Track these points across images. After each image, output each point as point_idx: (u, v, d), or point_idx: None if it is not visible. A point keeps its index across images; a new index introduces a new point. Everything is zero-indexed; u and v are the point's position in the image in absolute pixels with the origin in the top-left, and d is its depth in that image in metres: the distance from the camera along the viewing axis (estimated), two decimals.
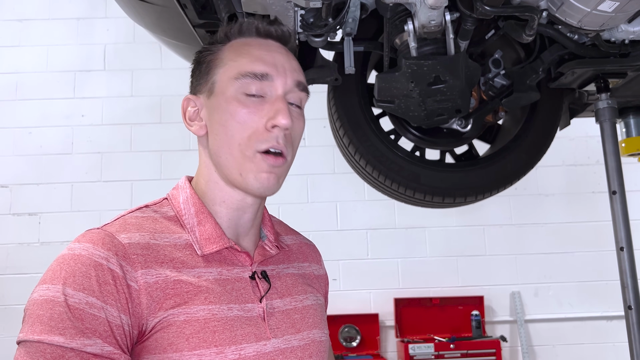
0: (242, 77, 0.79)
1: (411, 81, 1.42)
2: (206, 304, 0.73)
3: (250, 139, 0.78)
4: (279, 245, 0.89)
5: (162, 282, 0.72)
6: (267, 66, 0.80)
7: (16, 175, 3.71)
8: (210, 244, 0.78)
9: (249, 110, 0.78)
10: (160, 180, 3.74)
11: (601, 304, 3.68)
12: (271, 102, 0.79)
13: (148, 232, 0.76)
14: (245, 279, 0.80)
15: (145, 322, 0.70)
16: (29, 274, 3.59)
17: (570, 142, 3.82)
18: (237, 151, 0.78)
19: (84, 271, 0.68)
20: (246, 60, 0.80)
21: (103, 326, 0.66)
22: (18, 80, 3.85)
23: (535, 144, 1.72)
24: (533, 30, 1.29)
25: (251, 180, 0.78)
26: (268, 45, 0.83)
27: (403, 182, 1.65)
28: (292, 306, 0.84)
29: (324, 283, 0.97)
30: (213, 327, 0.72)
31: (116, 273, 0.69)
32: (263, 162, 0.78)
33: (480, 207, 3.62)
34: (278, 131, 0.78)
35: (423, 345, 3.26)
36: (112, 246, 0.71)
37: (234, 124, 0.78)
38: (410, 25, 1.33)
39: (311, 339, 0.83)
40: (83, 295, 0.66)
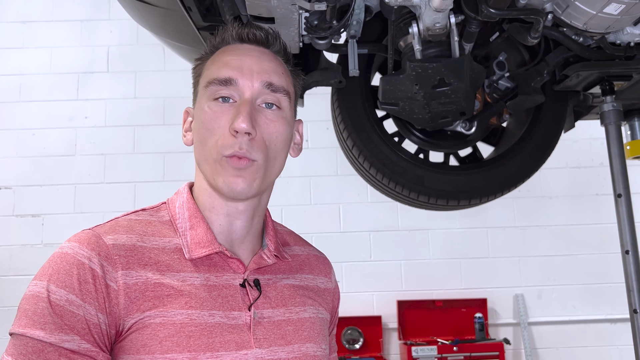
0: (210, 85, 0.81)
1: (415, 84, 1.42)
2: (185, 308, 0.73)
3: (217, 143, 0.78)
4: (280, 255, 0.87)
5: (142, 284, 0.73)
6: (232, 70, 0.80)
7: (19, 177, 3.72)
8: (199, 248, 0.78)
9: (215, 116, 0.79)
10: (164, 182, 3.75)
11: (605, 306, 3.67)
12: (237, 106, 0.79)
13: (137, 234, 0.77)
14: (235, 286, 0.79)
15: (122, 322, 0.71)
16: (32, 276, 3.58)
17: (574, 144, 3.81)
18: (209, 156, 0.79)
19: (67, 269, 0.71)
20: (215, 67, 0.82)
21: (81, 323, 0.68)
22: (22, 82, 3.86)
23: (539, 147, 1.72)
24: (538, 32, 1.29)
25: (220, 184, 0.78)
26: (240, 50, 0.84)
27: (407, 185, 1.64)
28: (285, 317, 0.81)
29: (331, 297, 0.94)
30: (189, 331, 0.72)
31: (96, 272, 0.71)
32: (228, 165, 0.78)
33: (484, 209, 3.60)
34: (241, 136, 0.77)
35: (426, 348, 3.25)
36: (96, 246, 0.73)
37: (203, 131, 0.80)
38: (415, 27, 1.32)
39: (303, 353, 0.80)
40: (64, 292, 0.69)
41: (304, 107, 1.79)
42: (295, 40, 1.33)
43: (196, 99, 0.86)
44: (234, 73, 0.80)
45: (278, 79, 0.82)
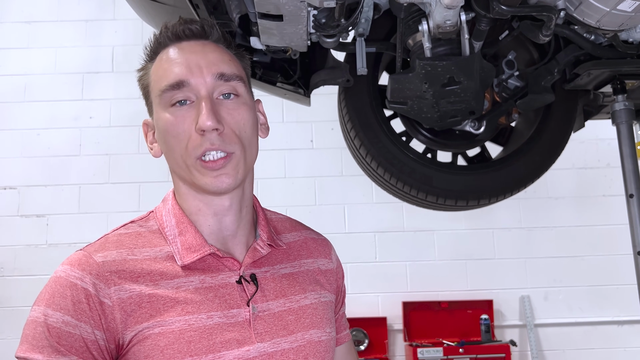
0: (163, 93, 0.79)
1: (425, 82, 1.40)
2: (182, 315, 0.74)
3: (187, 148, 0.78)
4: (274, 244, 0.86)
5: (137, 297, 0.74)
6: (181, 72, 0.79)
7: (24, 177, 3.72)
8: (190, 253, 0.79)
9: (178, 121, 0.78)
10: (168, 182, 3.70)
11: (612, 308, 3.64)
12: (196, 106, 0.78)
13: (127, 248, 0.79)
14: (232, 284, 0.79)
15: (122, 336, 0.73)
16: (37, 276, 3.59)
17: (581, 144, 3.78)
18: (182, 163, 0.79)
19: (61, 292, 0.73)
20: (161, 74, 0.81)
21: (78, 342, 0.71)
22: (26, 82, 3.86)
23: (549, 147, 1.70)
24: (550, 30, 1.27)
25: (204, 185, 0.79)
26: (181, 49, 0.82)
27: (415, 185, 1.63)
28: (286, 307, 0.82)
29: (334, 277, 0.94)
30: (189, 337, 0.73)
31: (89, 291, 0.73)
32: (203, 169, 0.78)
33: (490, 210, 3.57)
34: (209, 134, 0.76)
35: (432, 350, 3.23)
36: (87, 266, 0.75)
37: (170, 139, 0.80)
38: (425, 25, 1.31)
39: (307, 340, 0.81)
40: (60, 314, 0.71)
41: (309, 107, 1.78)
42: (303, 38, 1.32)
43: (152, 109, 0.84)
44: (184, 74, 0.78)
45: (228, 67, 0.81)
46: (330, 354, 0.86)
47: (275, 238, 0.89)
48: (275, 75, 1.59)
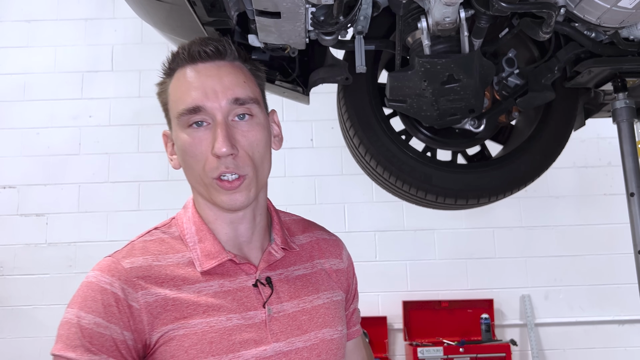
0: (181, 116, 0.83)
1: (424, 80, 1.39)
2: (204, 317, 0.80)
3: (204, 169, 0.83)
4: (288, 247, 0.91)
5: (162, 301, 0.79)
6: (197, 97, 0.82)
7: (24, 176, 3.72)
8: (209, 260, 0.84)
9: (195, 143, 0.83)
10: (168, 181, 3.73)
11: (613, 307, 3.63)
12: (213, 129, 0.82)
13: (152, 254, 0.84)
14: (249, 288, 0.85)
15: (149, 337, 0.79)
16: (36, 275, 3.59)
17: (582, 143, 3.77)
18: (200, 180, 0.84)
19: (92, 296, 0.78)
20: (179, 96, 0.84)
21: (108, 342, 0.76)
22: (26, 81, 3.85)
23: (549, 145, 1.69)
24: (550, 27, 1.26)
25: (219, 202, 0.84)
26: (197, 72, 0.85)
27: (414, 184, 1.62)
28: (299, 308, 0.87)
29: (345, 276, 0.98)
30: (210, 338, 0.79)
31: (118, 296, 0.78)
32: (220, 188, 0.83)
33: (490, 209, 3.57)
34: (224, 158, 0.81)
35: (432, 349, 3.22)
36: (115, 272, 0.80)
37: (188, 158, 0.84)
38: (424, 22, 1.30)
39: (320, 339, 0.86)
40: (92, 317, 0.76)
41: (309, 105, 1.77)
42: (301, 35, 1.31)
43: (171, 125, 0.88)
44: (200, 99, 0.82)
45: (242, 91, 0.84)
46: (341, 350, 0.90)
47: (289, 241, 0.93)
48: (274, 73, 1.58)
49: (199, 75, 0.84)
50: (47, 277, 3.59)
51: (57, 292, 3.57)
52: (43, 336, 3.52)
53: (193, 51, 0.85)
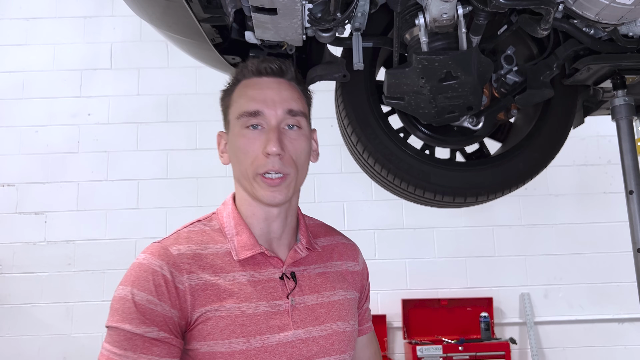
0: (241, 117, 0.98)
1: (422, 77, 1.38)
2: (237, 303, 0.91)
3: (252, 164, 0.96)
4: (311, 247, 1.04)
5: (203, 285, 0.91)
6: (258, 103, 0.97)
7: (22, 174, 3.71)
8: (245, 251, 0.96)
9: (249, 141, 0.96)
10: (167, 179, 3.73)
11: (612, 306, 3.63)
12: (266, 132, 0.96)
13: (196, 243, 0.96)
14: (276, 280, 0.97)
15: (190, 315, 0.90)
16: (35, 273, 3.59)
17: (582, 141, 3.76)
18: (246, 174, 0.97)
19: (145, 276, 0.89)
20: (243, 101, 0.99)
21: (158, 317, 0.87)
22: (25, 79, 3.85)
23: (548, 143, 1.68)
24: (549, 24, 1.25)
25: (259, 196, 0.97)
26: (261, 84, 1.00)
27: (412, 181, 1.61)
28: (318, 301, 0.99)
29: (360, 278, 1.10)
30: (241, 321, 0.91)
31: (167, 277, 0.90)
32: (263, 183, 0.96)
33: (490, 207, 3.57)
34: (272, 157, 0.94)
35: (431, 347, 3.22)
36: (165, 256, 0.91)
37: (240, 154, 0.98)
38: (422, 19, 1.29)
39: (334, 330, 0.98)
40: (144, 294, 0.87)
41: None
42: (298, 32, 1.30)
43: (228, 126, 1.02)
44: (260, 105, 0.97)
45: (296, 105, 0.99)
46: (352, 342, 1.02)
47: (312, 242, 1.06)
48: None
49: (262, 87, 0.99)
50: (46, 275, 3.59)
51: (56, 290, 3.57)
52: (42, 334, 3.52)
53: (260, 66, 1.00)
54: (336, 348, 0.98)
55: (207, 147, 3.76)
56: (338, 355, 0.98)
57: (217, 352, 0.89)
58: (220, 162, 1.09)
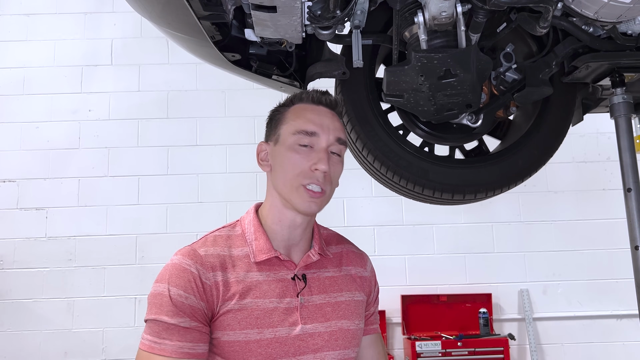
0: (298, 133, 1.09)
1: (421, 75, 1.39)
2: (254, 298, 1.04)
3: (298, 175, 1.08)
4: (323, 253, 1.15)
5: (225, 282, 1.04)
6: (316, 126, 1.10)
7: (23, 170, 3.72)
8: (261, 254, 1.08)
9: (300, 157, 1.08)
10: (167, 175, 3.73)
11: (611, 302, 3.64)
12: (316, 152, 1.09)
13: (220, 246, 1.09)
14: (288, 280, 1.09)
15: (216, 307, 1.03)
16: (36, 269, 3.60)
17: (581, 138, 3.77)
18: (289, 183, 1.09)
19: (177, 274, 1.02)
20: (302, 121, 1.10)
21: (190, 309, 1.00)
22: (25, 75, 3.85)
23: (547, 140, 1.68)
24: (547, 22, 1.25)
25: (297, 204, 1.08)
26: (319, 110, 1.12)
27: (411, 179, 1.62)
28: (325, 301, 1.10)
29: (367, 283, 1.22)
30: (257, 314, 1.03)
31: (195, 275, 1.02)
32: (305, 193, 1.08)
33: (489, 204, 3.57)
34: (319, 173, 1.07)
35: (430, 343, 3.24)
36: (194, 257, 1.05)
37: (288, 165, 1.09)
38: (421, 17, 1.29)
39: (338, 327, 1.09)
40: (176, 289, 1.01)
41: None
42: (297, 30, 1.31)
43: (277, 138, 1.13)
44: (317, 129, 1.10)
45: (343, 135, 1.13)
46: (356, 340, 1.12)
47: (325, 249, 1.17)
48: (271, 68, 1.58)
49: (320, 113, 1.12)
50: (47, 270, 3.61)
51: (57, 286, 3.58)
52: (43, 329, 3.54)
53: (316, 96, 1.14)
54: (340, 343, 1.08)
55: (207, 144, 3.76)
56: (342, 350, 1.09)
57: (235, 340, 1.02)
58: (220, 160, 1.14)
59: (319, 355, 1.06)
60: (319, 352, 1.06)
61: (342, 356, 1.09)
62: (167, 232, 3.65)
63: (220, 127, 3.79)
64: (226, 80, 3.76)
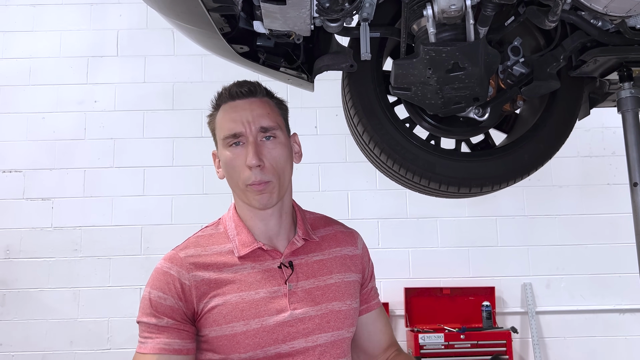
0: (225, 139, 1.12)
1: (429, 68, 1.39)
2: (238, 292, 1.07)
3: (240, 177, 1.10)
4: (309, 238, 1.16)
5: (206, 280, 1.07)
6: (237, 125, 1.11)
7: (29, 160, 3.74)
8: (244, 248, 1.11)
9: (235, 157, 1.11)
10: (173, 167, 3.75)
11: (614, 296, 3.65)
12: (245, 147, 1.10)
13: (201, 246, 1.12)
14: (274, 269, 1.10)
15: (196, 306, 1.06)
16: (42, 258, 3.63)
17: (586, 132, 3.76)
18: (237, 186, 1.12)
19: (158, 278, 1.08)
20: (224, 124, 1.13)
21: (167, 309, 1.05)
22: (31, 66, 3.86)
23: (553, 134, 1.68)
24: (557, 16, 1.25)
25: (253, 202, 1.11)
26: (236, 107, 1.13)
27: (418, 172, 1.62)
28: (314, 285, 1.12)
29: (360, 261, 1.22)
30: (242, 307, 1.05)
31: (174, 276, 1.07)
32: (251, 191, 1.10)
33: (493, 197, 3.58)
34: (254, 169, 1.08)
35: (433, 335, 3.25)
36: (174, 260, 1.09)
37: (229, 169, 1.12)
38: (430, 10, 1.29)
39: (329, 309, 1.10)
40: (156, 292, 1.06)
41: (313, 93, 1.77)
42: (306, 22, 1.31)
43: (218, 146, 1.16)
44: (237, 127, 1.11)
45: (268, 121, 1.12)
46: (349, 320, 1.13)
47: (311, 233, 1.18)
48: (279, 60, 1.58)
49: (237, 109, 1.13)
50: (53, 260, 3.63)
51: (63, 276, 3.61)
52: (49, 318, 3.57)
53: (232, 91, 1.14)
54: (332, 325, 1.10)
55: None
56: (334, 332, 1.10)
57: (222, 335, 1.04)
58: None
59: (311, 338, 1.08)
60: (310, 335, 1.07)
61: (336, 337, 1.10)
62: (172, 223, 3.67)
63: None
64: (232, 72, 3.75)
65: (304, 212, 1.24)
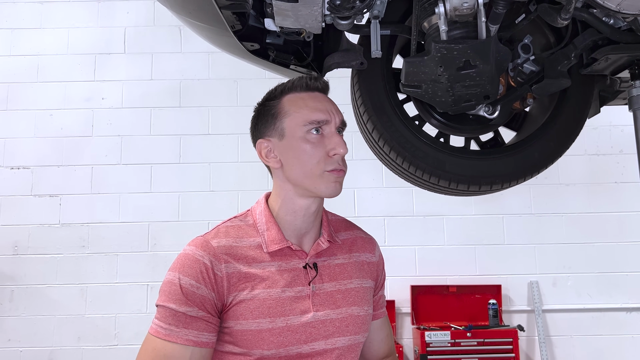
0: (309, 124, 1.09)
1: (440, 65, 1.39)
2: (266, 288, 1.07)
3: (319, 163, 1.09)
4: (333, 240, 1.17)
5: (237, 273, 1.06)
6: (324, 114, 1.11)
7: (37, 157, 3.76)
8: (273, 245, 1.10)
9: (315, 145, 1.09)
10: (180, 164, 3.76)
11: (620, 295, 3.64)
12: (329, 137, 1.10)
13: (232, 237, 1.11)
14: (300, 269, 1.11)
15: (226, 298, 1.05)
16: (50, 254, 3.65)
17: (594, 131, 3.74)
18: (311, 172, 1.09)
19: (189, 264, 1.05)
20: (307, 111, 1.10)
21: (199, 299, 1.03)
22: (39, 63, 3.87)
23: (563, 132, 1.68)
24: (569, 13, 1.25)
25: (322, 190, 1.10)
26: (317, 97, 1.13)
27: (427, 169, 1.62)
28: (335, 288, 1.13)
29: (376, 268, 1.23)
30: (269, 304, 1.06)
31: (207, 266, 1.05)
32: (331, 176, 1.09)
33: (500, 196, 3.58)
34: (338, 157, 1.09)
35: (439, 333, 3.26)
36: (206, 248, 1.07)
37: (304, 156, 1.09)
38: (441, 7, 1.29)
39: (349, 314, 1.12)
40: (188, 279, 1.03)
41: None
42: (317, 20, 1.31)
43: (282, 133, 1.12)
44: (326, 116, 1.11)
45: (342, 115, 1.15)
46: (365, 325, 1.15)
47: (334, 236, 1.19)
48: (289, 58, 1.58)
49: (319, 99, 1.13)
50: (61, 256, 3.66)
51: (71, 272, 3.63)
52: (57, 314, 3.59)
53: (309, 83, 1.14)
54: (350, 329, 1.11)
55: (219, 133, 3.78)
56: (352, 336, 1.12)
57: (248, 330, 1.04)
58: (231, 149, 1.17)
59: (330, 341, 1.09)
60: (330, 337, 1.09)
61: (352, 341, 1.12)
62: (179, 220, 3.69)
63: (232, 116, 3.81)
64: (238, 70, 3.77)
65: (328, 213, 1.25)
